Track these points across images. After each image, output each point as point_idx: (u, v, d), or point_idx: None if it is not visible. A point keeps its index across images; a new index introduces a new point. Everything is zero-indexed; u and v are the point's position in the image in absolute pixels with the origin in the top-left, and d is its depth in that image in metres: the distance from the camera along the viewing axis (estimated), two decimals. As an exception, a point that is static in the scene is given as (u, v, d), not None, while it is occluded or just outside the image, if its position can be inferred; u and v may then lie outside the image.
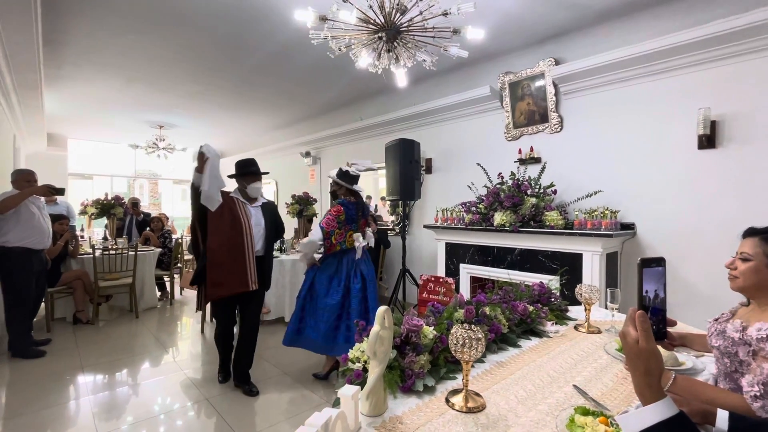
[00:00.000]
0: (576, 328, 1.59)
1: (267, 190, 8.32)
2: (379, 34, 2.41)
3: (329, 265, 2.84)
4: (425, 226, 4.25)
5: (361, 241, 2.86)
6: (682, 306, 2.80)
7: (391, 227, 5.39)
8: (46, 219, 3.47)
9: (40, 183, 3.43)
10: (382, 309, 0.95)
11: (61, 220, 4.06)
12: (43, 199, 3.87)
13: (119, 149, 8.30)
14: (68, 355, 3.39)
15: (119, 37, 3.42)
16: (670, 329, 1.41)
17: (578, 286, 1.61)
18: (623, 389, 1.07)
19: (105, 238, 5.32)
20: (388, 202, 5.38)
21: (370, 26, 2.38)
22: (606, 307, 1.73)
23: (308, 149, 6.75)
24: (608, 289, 1.62)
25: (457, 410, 0.94)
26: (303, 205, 5.22)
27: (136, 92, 5.03)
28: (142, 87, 4.83)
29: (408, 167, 4.16)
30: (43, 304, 3.94)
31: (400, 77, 2.79)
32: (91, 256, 4.23)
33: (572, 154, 3.50)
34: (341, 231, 2.77)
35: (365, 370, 1.04)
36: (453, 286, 3.74)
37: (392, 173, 4.30)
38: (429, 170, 4.78)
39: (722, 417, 0.79)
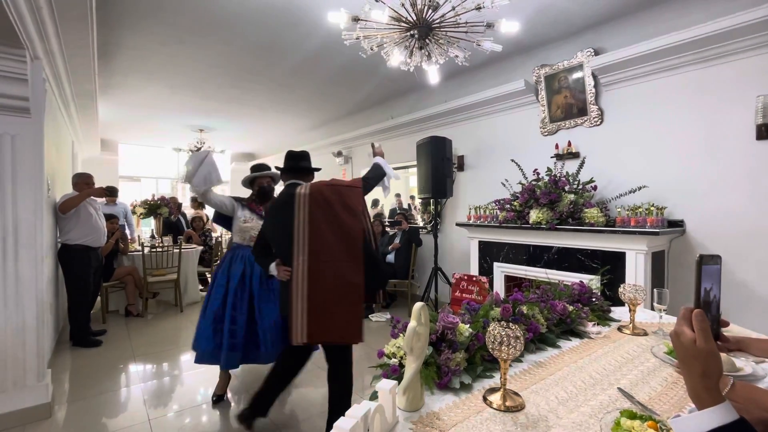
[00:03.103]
0: (620, 329, 1.52)
1: (300, 189, 8.51)
2: (411, 32, 2.40)
3: None
4: (458, 224, 4.20)
5: None
6: (738, 308, 2.60)
7: (422, 225, 5.37)
8: (101, 219, 3.76)
9: (95, 186, 3.72)
10: (418, 305, 0.95)
11: (111, 219, 4.37)
12: (104, 200, 4.20)
13: (164, 152, 8.78)
14: (121, 345, 3.65)
15: (163, 47, 3.63)
16: (724, 332, 1.32)
17: (621, 285, 1.54)
18: (673, 394, 1.01)
19: (152, 237, 5.67)
20: (419, 200, 5.37)
21: (402, 24, 2.38)
22: (652, 309, 1.65)
23: (340, 149, 6.84)
24: (655, 290, 1.53)
25: (495, 409, 0.93)
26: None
27: (178, 98, 5.31)
28: (183, 93, 5.09)
29: (440, 165, 4.13)
30: (98, 298, 4.26)
31: (432, 74, 2.77)
32: (140, 253, 4.52)
33: (614, 148, 3.33)
34: None
35: (401, 365, 1.05)
36: (487, 285, 3.67)
37: (423, 171, 4.28)
38: (461, 167, 4.72)
39: (788, 427, 0.73)
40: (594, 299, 1.70)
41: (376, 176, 2.24)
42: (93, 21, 2.61)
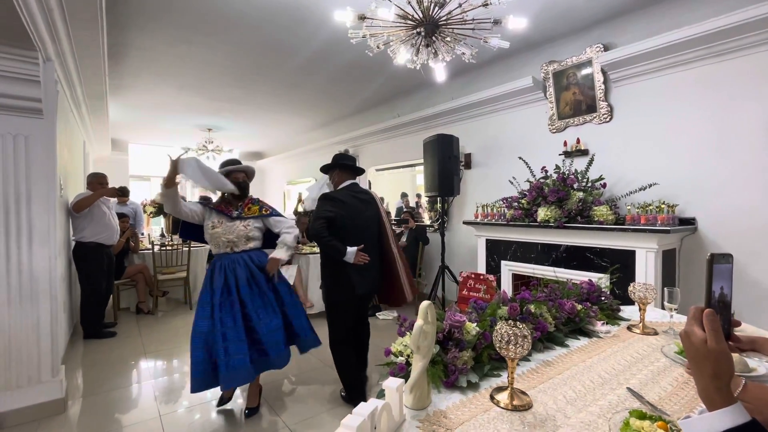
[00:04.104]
0: (629, 328, 1.50)
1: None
2: (418, 30, 2.39)
3: None
4: (465, 223, 4.19)
5: None
6: (751, 308, 2.56)
7: (429, 224, 5.36)
8: (114, 217, 3.84)
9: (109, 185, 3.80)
10: (425, 304, 0.95)
11: (122, 218, 4.44)
12: (115, 200, 4.28)
13: (173, 152, 8.86)
14: (132, 342, 3.71)
15: (171, 47, 3.66)
16: (736, 331, 1.29)
17: (631, 284, 1.52)
18: (684, 394, 1.00)
19: (162, 235, 5.74)
20: (426, 198, 5.35)
21: (409, 22, 2.38)
22: (663, 308, 1.62)
23: (346, 147, 6.85)
24: (666, 289, 1.51)
25: (502, 408, 0.92)
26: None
27: (186, 98, 5.36)
28: (191, 93, 5.14)
29: (447, 163, 4.12)
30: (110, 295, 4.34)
31: (439, 72, 2.76)
32: (151, 251, 4.59)
33: (623, 145, 3.29)
34: None
35: (408, 364, 1.05)
36: (494, 284, 3.66)
37: (430, 169, 4.27)
38: (468, 165, 4.70)
39: (803, 429, 0.72)
40: (603, 298, 1.69)
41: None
42: (103, 22, 2.64)
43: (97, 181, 3.68)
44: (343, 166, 2.59)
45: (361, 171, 2.68)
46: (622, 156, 3.29)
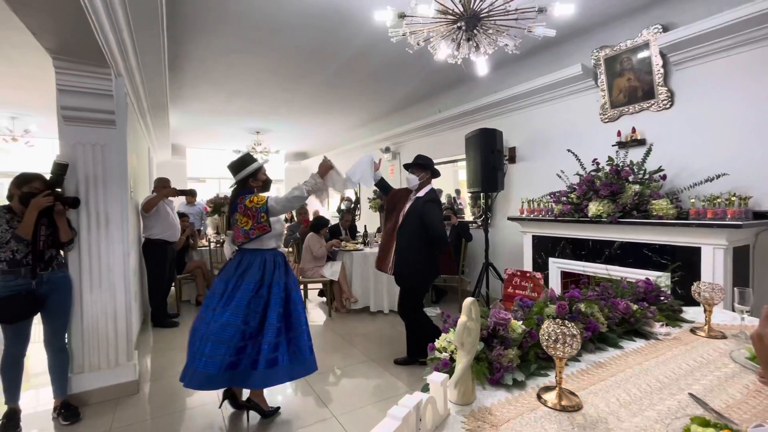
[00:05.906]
0: (693, 331, 1.40)
1: (350, 186, 8.71)
2: (458, 24, 2.36)
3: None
4: (509, 218, 4.07)
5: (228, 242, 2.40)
6: None
7: (472, 220, 5.27)
8: (176, 218, 4.25)
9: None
10: (468, 300, 0.95)
11: (182, 218, 4.81)
12: (183, 200, 4.75)
13: (225, 154, 9.43)
14: (193, 331, 4.01)
15: (223, 57, 3.90)
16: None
17: (695, 284, 1.41)
18: (756, 403, 0.92)
19: (217, 233, 6.13)
20: (469, 194, 5.26)
21: (449, 17, 2.35)
22: (733, 310, 1.49)
23: (388, 145, 6.90)
24: (736, 289, 1.39)
25: (550, 407, 0.91)
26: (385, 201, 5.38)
27: (237, 104, 5.68)
28: (241, 98, 5.43)
29: (490, 157, 4.03)
30: (173, 288, 4.73)
31: (481, 65, 2.70)
32: (207, 248, 4.93)
33: (686, 134, 3.03)
34: None
35: (452, 359, 1.06)
36: (541, 281, 3.53)
37: (473, 164, 4.20)
38: (513, 160, 4.56)
39: None
40: (662, 298, 1.58)
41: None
42: (164, 36, 2.88)
43: (161, 185, 4.09)
44: (436, 172, 3.08)
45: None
46: (684, 145, 3.04)
